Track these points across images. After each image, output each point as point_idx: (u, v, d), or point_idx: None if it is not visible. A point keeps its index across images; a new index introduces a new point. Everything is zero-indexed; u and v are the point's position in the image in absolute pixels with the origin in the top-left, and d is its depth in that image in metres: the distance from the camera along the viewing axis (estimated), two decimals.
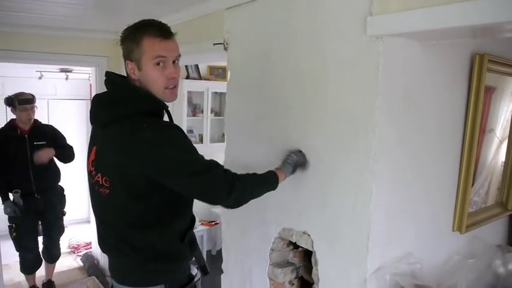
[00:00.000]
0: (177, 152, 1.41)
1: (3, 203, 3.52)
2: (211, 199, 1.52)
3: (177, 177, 1.42)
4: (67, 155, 3.83)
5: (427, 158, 1.78)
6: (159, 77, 1.47)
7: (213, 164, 1.49)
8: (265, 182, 1.65)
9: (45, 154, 3.62)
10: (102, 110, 1.54)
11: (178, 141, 1.43)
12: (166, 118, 1.63)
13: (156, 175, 1.40)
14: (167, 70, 1.48)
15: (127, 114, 1.43)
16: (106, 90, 1.58)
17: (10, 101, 3.59)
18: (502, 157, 2.28)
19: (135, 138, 1.39)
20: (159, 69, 1.46)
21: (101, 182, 1.50)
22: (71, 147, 3.90)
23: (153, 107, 1.50)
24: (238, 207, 1.56)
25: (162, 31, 1.46)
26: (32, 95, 3.68)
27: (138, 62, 1.46)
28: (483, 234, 2.18)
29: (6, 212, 3.51)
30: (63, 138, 3.89)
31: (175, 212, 1.55)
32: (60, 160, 3.84)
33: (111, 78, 1.55)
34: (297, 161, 1.77)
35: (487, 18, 1.18)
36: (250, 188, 1.56)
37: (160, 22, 1.50)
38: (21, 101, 3.57)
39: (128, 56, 1.48)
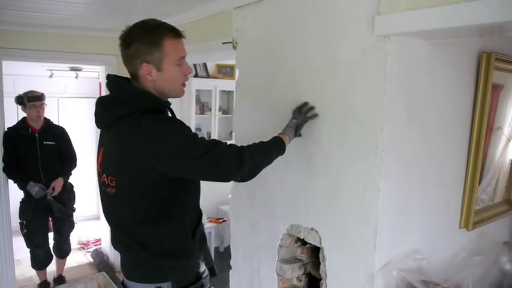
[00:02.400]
0: (179, 140, 1.42)
1: (27, 187, 3.58)
2: (223, 175, 1.50)
3: (185, 163, 1.42)
4: (69, 173, 3.94)
5: (434, 156, 1.79)
6: (179, 76, 1.54)
7: (216, 141, 1.51)
8: (272, 147, 1.65)
9: (59, 186, 3.75)
10: (105, 112, 1.56)
11: (178, 129, 1.45)
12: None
13: (163, 167, 1.41)
14: (184, 67, 1.55)
15: (128, 113, 1.45)
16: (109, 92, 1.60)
17: (20, 99, 3.67)
18: (509, 155, 2.29)
19: (136, 134, 1.41)
20: (178, 68, 1.53)
21: (107, 182, 1.53)
22: (73, 156, 3.96)
23: (154, 106, 1.51)
24: (252, 177, 1.54)
25: (177, 32, 1.51)
26: (41, 93, 3.75)
27: (158, 64, 1.48)
28: (490, 231, 2.19)
29: (34, 192, 3.57)
30: (69, 143, 3.95)
31: (183, 207, 1.56)
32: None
33: (112, 81, 1.57)
34: (296, 123, 1.77)
35: (495, 17, 1.19)
36: (259, 155, 1.55)
37: (165, 22, 1.53)
38: (30, 98, 3.65)
39: (143, 58, 1.47)
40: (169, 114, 1.64)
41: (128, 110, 1.46)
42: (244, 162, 1.46)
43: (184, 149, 1.41)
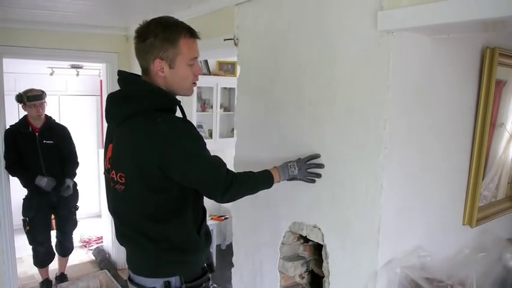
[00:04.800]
0: (189, 146, 1.47)
1: (36, 181, 3.60)
2: (208, 195, 1.59)
3: (185, 170, 1.48)
4: (73, 173, 3.94)
5: (437, 153, 1.78)
6: (189, 75, 1.56)
7: (220, 163, 1.56)
8: (260, 184, 1.71)
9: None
10: (116, 108, 1.58)
11: (191, 136, 1.49)
12: (178, 113, 1.66)
13: (166, 165, 1.44)
14: (194, 68, 1.57)
15: (141, 110, 1.48)
16: (119, 88, 1.62)
17: (20, 98, 3.64)
18: None
19: (150, 131, 1.44)
20: (190, 68, 1.55)
21: (115, 179, 1.55)
22: (73, 156, 3.95)
23: (166, 103, 1.55)
24: (230, 201, 1.66)
25: (193, 32, 1.54)
26: (42, 91, 3.72)
27: (171, 61, 1.50)
28: (493, 228, 2.18)
29: (44, 184, 3.60)
30: (69, 143, 3.93)
31: (189, 204, 1.59)
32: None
33: (124, 77, 1.59)
34: (293, 175, 1.77)
35: (498, 12, 1.18)
36: (244, 189, 1.66)
37: (182, 21, 1.54)
38: (30, 98, 3.62)
39: (157, 54, 1.49)
40: (179, 112, 1.66)
41: (141, 107, 1.49)
42: (228, 192, 1.56)
43: (192, 158, 1.48)
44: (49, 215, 3.86)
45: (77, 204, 4.01)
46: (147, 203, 1.52)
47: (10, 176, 3.58)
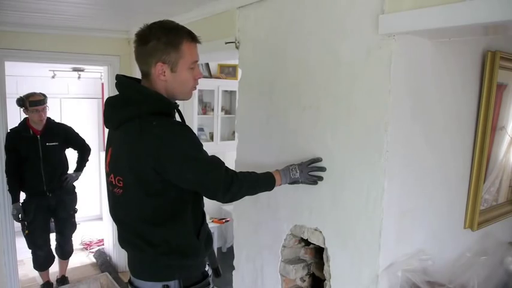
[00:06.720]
0: (184, 148, 1.46)
1: (12, 203, 3.56)
2: (208, 195, 1.57)
3: (182, 171, 1.47)
4: (85, 159, 4.05)
5: (438, 156, 1.78)
6: (190, 79, 1.56)
7: (217, 163, 1.55)
8: (262, 185, 1.71)
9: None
10: (114, 112, 1.58)
11: (186, 137, 1.49)
12: (178, 118, 1.67)
13: (162, 168, 1.44)
14: (195, 72, 1.57)
15: (137, 114, 1.48)
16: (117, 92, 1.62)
17: (21, 102, 3.60)
18: None
19: (145, 134, 1.44)
20: (191, 72, 1.55)
21: (114, 182, 1.55)
22: (83, 143, 4.00)
23: (163, 107, 1.54)
24: (231, 201, 1.64)
25: (195, 36, 1.55)
26: (44, 95, 3.69)
27: (173, 65, 1.50)
28: (495, 232, 2.18)
29: (12, 213, 3.56)
30: (76, 136, 3.95)
31: (188, 208, 1.58)
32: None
33: (121, 81, 1.59)
34: (295, 178, 1.77)
35: (499, 16, 1.18)
36: (246, 189, 1.63)
37: (183, 26, 1.55)
38: (32, 103, 3.58)
39: (159, 58, 1.48)
40: (177, 116, 1.66)
41: (137, 110, 1.48)
42: (230, 191, 1.55)
43: (189, 160, 1.47)
44: (48, 218, 3.85)
45: (76, 207, 4.01)
46: (145, 207, 1.52)
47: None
